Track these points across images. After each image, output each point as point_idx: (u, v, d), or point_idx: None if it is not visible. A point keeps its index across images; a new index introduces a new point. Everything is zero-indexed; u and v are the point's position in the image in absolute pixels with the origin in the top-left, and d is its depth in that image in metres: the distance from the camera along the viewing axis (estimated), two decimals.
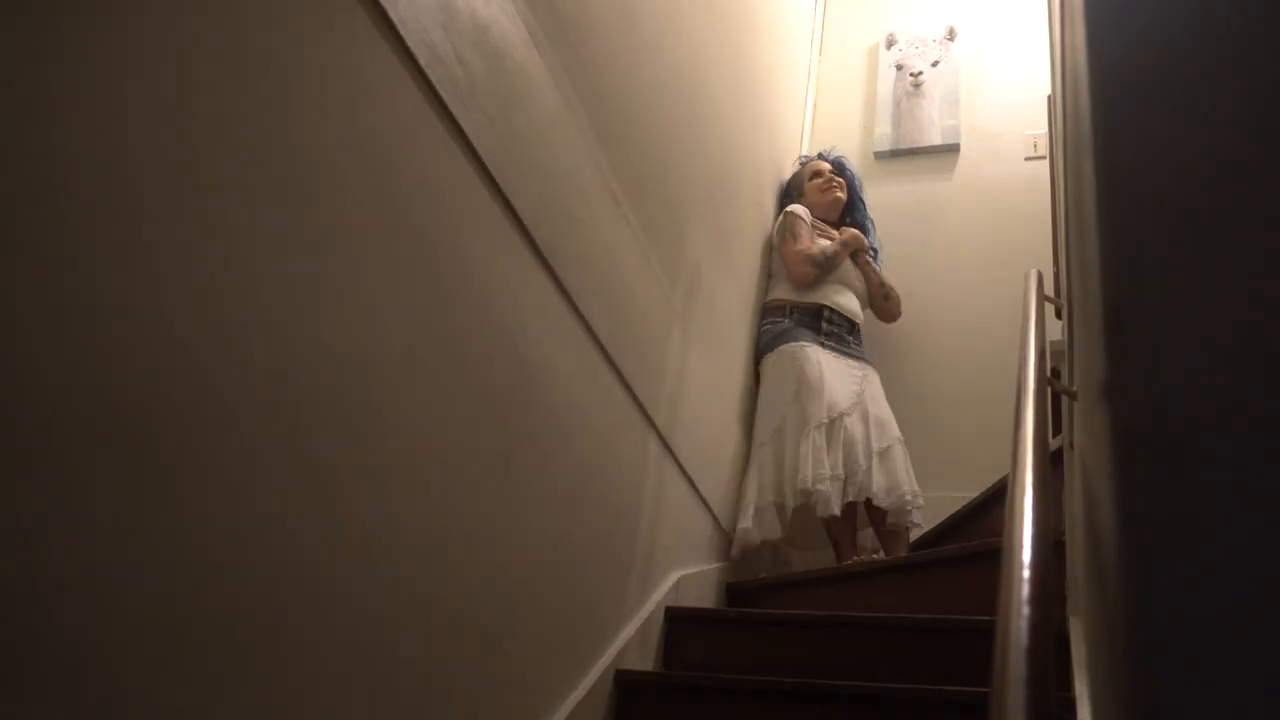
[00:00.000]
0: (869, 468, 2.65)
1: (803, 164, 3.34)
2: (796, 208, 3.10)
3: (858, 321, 3.01)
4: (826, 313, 2.94)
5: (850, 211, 3.22)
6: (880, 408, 2.82)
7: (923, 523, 2.70)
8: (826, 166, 3.24)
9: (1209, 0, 0.57)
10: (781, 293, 3.01)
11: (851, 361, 2.88)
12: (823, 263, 2.99)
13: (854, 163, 3.40)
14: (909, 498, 2.63)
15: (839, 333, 2.93)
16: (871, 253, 3.15)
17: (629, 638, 1.84)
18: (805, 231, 3.03)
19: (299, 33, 1.02)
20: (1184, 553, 0.48)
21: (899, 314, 3.16)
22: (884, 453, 2.70)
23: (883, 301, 3.12)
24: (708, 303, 2.48)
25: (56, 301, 0.75)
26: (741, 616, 2.16)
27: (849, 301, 3.01)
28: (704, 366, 2.41)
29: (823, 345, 2.86)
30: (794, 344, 2.84)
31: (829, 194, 3.16)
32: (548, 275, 1.55)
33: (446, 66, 1.26)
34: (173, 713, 0.84)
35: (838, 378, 2.79)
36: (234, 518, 0.91)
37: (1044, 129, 3.25)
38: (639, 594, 1.95)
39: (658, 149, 2.11)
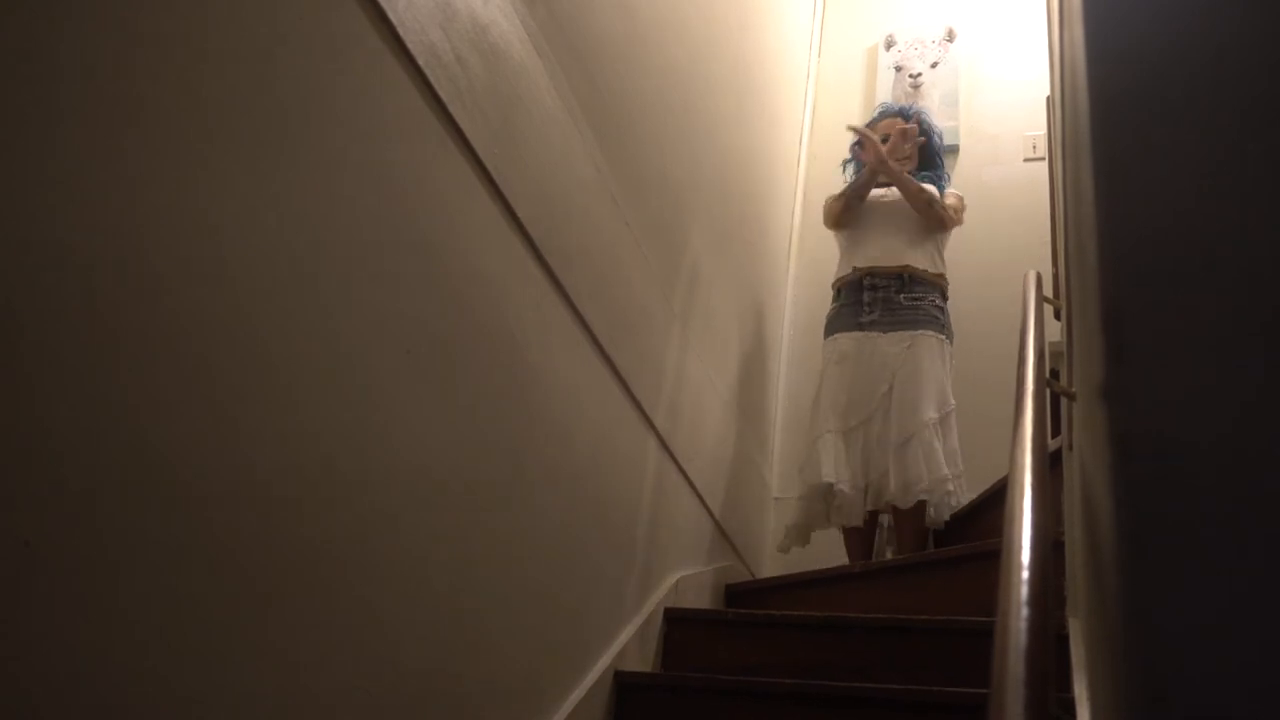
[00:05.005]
0: (887, 469, 2.51)
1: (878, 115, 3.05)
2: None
3: (906, 268, 2.72)
4: (868, 280, 2.74)
5: (928, 165, 2.89)
6: (910, 390, 2.57)
7: (957, 503, 2.49)
8: (897, 124, 2.92)
9: (1209, 0, 0.57)
10: (837, 270, 2.89)
11: (895, 336, 2.65)
12: (849, 193, 2.82)
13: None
14: (925, 495, 2.43)
15: (885, 295, 2.71)
16: (937, 182, 2.85)
17: (628, 639, 1.84)
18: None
19: (297, 33, 1.02)
20: (1183, 554, 0.48)
21: (946, 215, 2.78)
22: (903, 446, 2.50)
23: (926, 209, 2.76)
24: (707, 304, 2.47)
25: (58, 304, 0.74)
26: (740, 618, 2.16)
27: (891, 248, 2.75)
28: (703, 368, 2.41)
29: (863, 328, 2.70)
30: (831, 337, 2.80)
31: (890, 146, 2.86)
32: (546, 276, 1.55)
33: (445, 67, 1.26)
34: (173, 715, 0.83)
35: (867, 372, 2.64)
36: (235, 518, 0.91)
37: (1043, 130, 3.24)
38: (638, 595, 1.95)
39: (657, 149, 2.11)
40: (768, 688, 1.74)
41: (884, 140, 2.91)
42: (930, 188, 2.83)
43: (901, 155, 2.87)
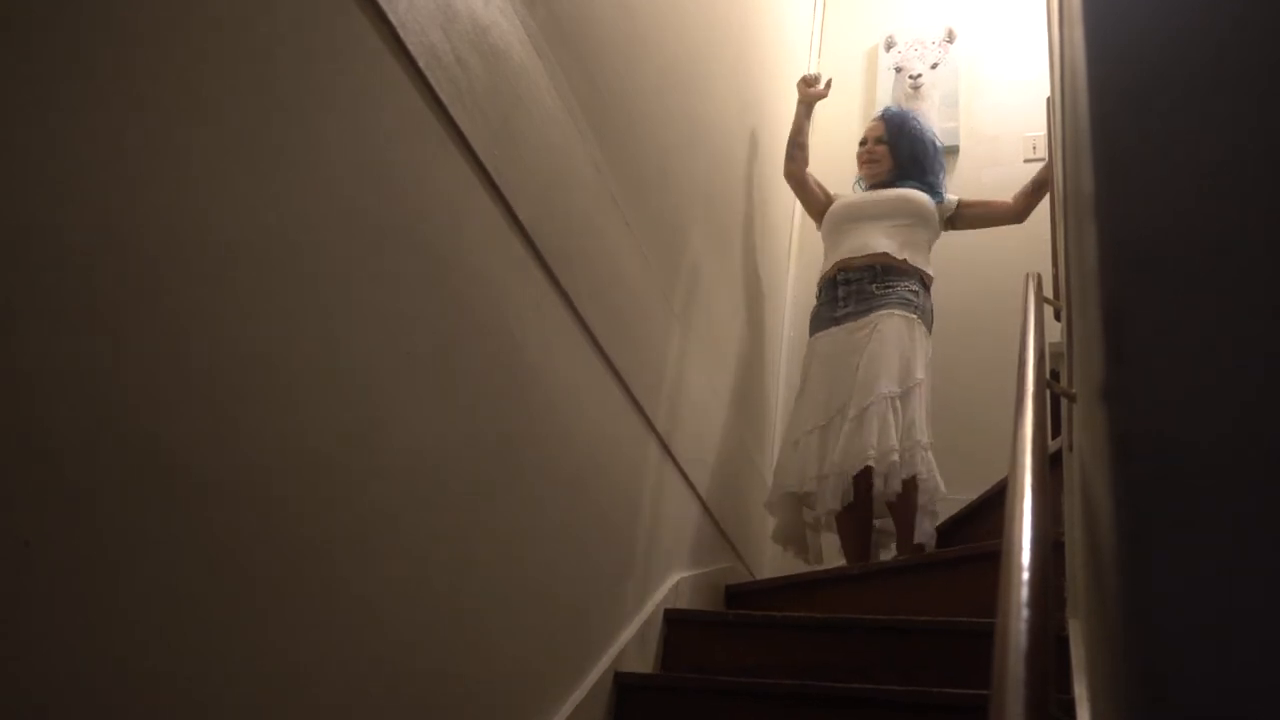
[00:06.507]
0: (839, 440, 2.46)
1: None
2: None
3: (880, 258, 2.70)
4: (841, 275, 2.74)
5: (902, 176, 2.88)
6: (872, 365, 2.52)
7: (910, 474, 2.39)
8: (874, 130, 2.97)
9: (1209, 0, 0.57)
10: (821, 269, 2.88)
11: (864, 319, 2.62)
12: (791, 141, 3.04)
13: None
14: (873, 461, 2.36)
15: (859, 287, 2.69)
16: (932, 191, 2.85)
17: (628, 640, 1.84)
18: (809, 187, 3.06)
19: (297, 33, 1.02)
20: (1183, 555, 0.48)
21: (1010, 204, 2.92)
22: (857, 418, 2.45)
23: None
24: (707, 305, 2.47)
25: (58, 304, 0.74)
26: (740, 619, 2.15)
27: (866, 243, 2.73)
28: (703, 369, 2.41)
29: (838, 322, 2.68)
30: (813, 337, 2.79)
31: (863, 168, 2.96)
32: (546, 277, 1.55)
33: (446, 68, 1.26)
34: (173, 715, 0.83)
35: (842, 362, 2.61)
36: (235, 518, 0.90)
37: (1043, 131, 3.24)
38: (638, 596, 1.95)
39: (658, 150, 2.11)
40: (768, 688, 1.74)
41: (862, 143, 2.99)
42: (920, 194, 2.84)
43: (872, 159, 2.92)
